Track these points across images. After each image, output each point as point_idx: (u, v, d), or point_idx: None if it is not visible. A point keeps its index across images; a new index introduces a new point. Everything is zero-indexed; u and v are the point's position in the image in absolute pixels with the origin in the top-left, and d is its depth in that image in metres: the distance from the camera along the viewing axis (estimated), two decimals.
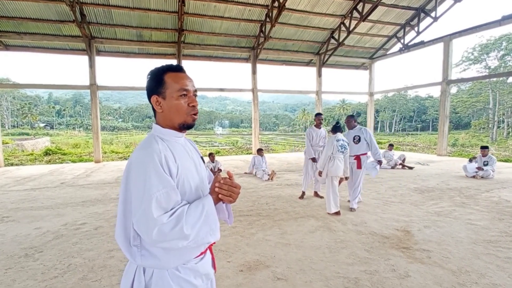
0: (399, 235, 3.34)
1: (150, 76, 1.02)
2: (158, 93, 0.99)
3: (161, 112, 1.01)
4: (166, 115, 1.01)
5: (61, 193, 5.80)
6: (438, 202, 4.82)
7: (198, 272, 1.01)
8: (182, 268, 0.97)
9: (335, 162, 4.06)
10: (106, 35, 10.74)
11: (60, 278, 2.45)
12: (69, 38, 10.35)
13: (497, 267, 2.58)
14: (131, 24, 10.40)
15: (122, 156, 14.17)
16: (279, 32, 12.08)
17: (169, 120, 1.01)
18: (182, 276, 0.96)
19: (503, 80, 29.51)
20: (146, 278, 0.95)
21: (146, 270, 0.96)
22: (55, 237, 3.40)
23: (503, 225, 3.66)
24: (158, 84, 0.99)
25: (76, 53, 11.13)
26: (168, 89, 0.98)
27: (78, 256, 2.89)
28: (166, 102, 0.99)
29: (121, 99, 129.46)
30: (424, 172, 7.91)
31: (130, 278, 0.97)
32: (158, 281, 0.94)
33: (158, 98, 0.99)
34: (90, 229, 3.66)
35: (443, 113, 11.76)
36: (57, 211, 4.48)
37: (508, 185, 6.12)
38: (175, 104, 0.99)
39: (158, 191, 0.86)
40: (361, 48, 14.30)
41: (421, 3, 11.87)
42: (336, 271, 2.54)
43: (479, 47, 31.64)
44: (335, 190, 4.14)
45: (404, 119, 60.26)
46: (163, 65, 1.03)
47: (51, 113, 65.54)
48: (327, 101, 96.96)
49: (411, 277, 2.42)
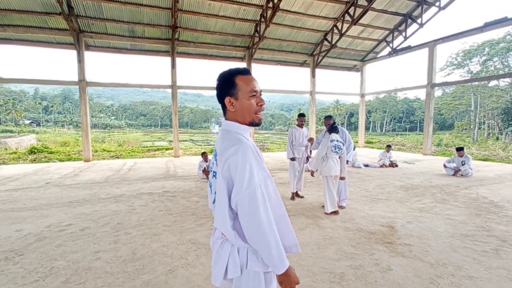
0: (384, 231, 3.52)
1: (222, 79, 1.13)
2: (231, 94, 1.10)
3: (233, 111, 1.12)
4: (238, 114, 1.12)
5: (46, 193, 5.61)
6: (421, 199, 5.06)
7: None
8: None
9: (328, 162, 4.16)
10: (96, 30, 10.51)
11: (41, 281, 2.39)
12: (56, 31, 10.02)
13: (473, 260, 2.73)
14: (122, 19, 10.24)
15: (114, 154, 13.62)
16: (274, 32, 12.20)
17: (241, 118, 1.13)
18: None
19: (484, 84, 30.68)
20: (241, 258, 1.07)
21: (240, 250, 1.08)
22: (37, 239, 3.29)
23: (479, 220, 3.89)
24: (231, 86, 1.10)
25: (64, 47, 10.81)
26: (240, 91, 1.10)
27: (62, 258, 2.81)
28: (238, 102, 1.11)
29: (114, 96, 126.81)
30: (410, 170, 8.21)
31: (224, 261, 1.08)
32: (253, 258, 1.06)
33: (231, 99, 1.11)
34: (75, 231, 3.57)
35: (428, 115, 12.19)
36: (41, 212, 4.34)
37: (485, 182, 6.45)
38: (247, 104, 1.11)
39: (259, 179, 1.02)
40: (353, 51, 14.62)
41: (408, 10, 12.31)
42: (323, 266, 2.63)
43: (462, 53, 32.80)
44: (330, 190, 4.19)
45: (394, 120, 61.66)
46: (232, 68, 1.14)
47: (38, 110, 63.27)
48: (322, 102, 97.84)
49: (392, 270, 2.55)
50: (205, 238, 3.32)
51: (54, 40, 10.62)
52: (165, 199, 5.14)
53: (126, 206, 4.73)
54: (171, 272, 2.53)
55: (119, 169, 8.92)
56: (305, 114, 5.48)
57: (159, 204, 4.84)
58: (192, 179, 7.14)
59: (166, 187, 6.22)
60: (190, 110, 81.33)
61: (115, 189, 6.03)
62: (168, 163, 10.22)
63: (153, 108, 79.92)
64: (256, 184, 1.00)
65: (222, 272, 1.07)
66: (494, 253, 2.89)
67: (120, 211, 4.42)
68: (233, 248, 1.07)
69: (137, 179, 7.14)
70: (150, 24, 10.65)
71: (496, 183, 6.38)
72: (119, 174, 7.97)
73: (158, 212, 4.38)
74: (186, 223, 3.84)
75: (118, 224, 3.82)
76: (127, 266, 2.66)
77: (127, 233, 3.49)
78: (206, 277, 2.44)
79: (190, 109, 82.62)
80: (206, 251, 2.96)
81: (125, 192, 5.75)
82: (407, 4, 11.96)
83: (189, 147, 19.31)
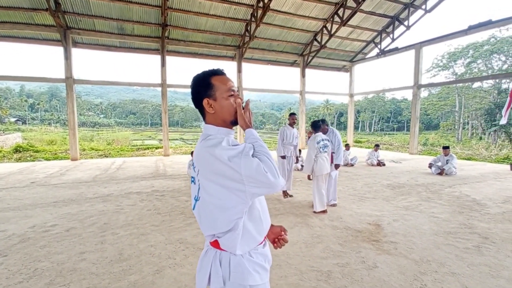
0: (370, 229, 3.59)
1: (197, 82, 1.10)
2: (208, 96, 1.07)
3: (213, 113, 1.09)
4: (218, 115, 1.09)
5: (31, 193, 5.49)
6: (407, 197, 5.18)
7: (267, 257, 1.12)
8: (254, 253, 1.06)
9: (319, 161, 4.24)
10: (83, 26, 10.29)
11: (25, 283, 2.35)
12: (42, 27, 9.80)
13: (456, 257, 2.80)
14: (111, 16, 10.05)
15: (102, 153, 13.38)
16: (264, 32, 12.23)
17: (221, 119, 1.10)
18: (255, 260, 1.05)
19: (469, 85, 31.62)
20: (223, 267, 1.02)
21: (222, 259, 1.03)
22: (21, 240, 3.22)
23: (462, 218, 4.01)
24: (207, 87, 1.08)
25: (51, 44, 10.55)
26: (218, 91, 1.07)
27: (46, 259, 2.76)
28: (217, 103, 1.08)
29: (102, 94, 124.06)
30: (397, 169, 8.39)
31: (206, 270, 1.05)
32: (237, 268, 1.01)
33: (209, 100, 1.07)
34: (60, 231, 3.49)
35: (414, 115, 12.50)
36: (25, 213, 4.24)
37: (469, 181, 6.65)
38: (226, 103, 1.08)
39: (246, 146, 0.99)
40: (342, 51, 14.81)
41: (396, 12, 12.57)
42: (311, 265, 2.66)
43: (447, 55, 33.71)
44: (320, 189, 4.26)
45: (382, 119, 62.82)
46: (205, 70, 1.12)
47: (23, 107, 61.45)
48: (312, 101, 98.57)
49: (378, 267, 2.60)
50: (193, 237, 3.30)
51: (40, 37, 10.36)
52: (154, 198, 5.08)
53: (113, 205, 4.65)
54: (158, 272, 2.51)
55: (107, 168, 8.76)
56: (295, 113, 5.54)
57: (148, 203, 4.78)
58: (182, 178, 7.08)
59: (155, 186, 6.15)
60: (181, 109, 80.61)
61: (103, 188, 5.93)
62: (158, 162, 10.10)
63: (143, 106, 78.87)
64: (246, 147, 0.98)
65: (205, 281, 1.05)
66: (476, 250, 2.97)
67: (107, 211, 4.35)
68: (215, 258, 1.04)
69: (125, 178, 7.03)
70: (139, 21, 10.49)
71: (478, 182, 6.60)
72: (107, 173, 7.83)
73: (146, 211, 4.33)
74: (175, 223, 3.81)
75: (105, 224, 3.76)
76: (114, 266, 2.62)
77: (114, 233, 3.44)
78: (193, 276, 2.44)
79: (181, 108, 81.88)
80: (194, 250, 2.95)
81: (113, 191, 5.66)
82: (395, 6, 12.19)
83: (180, 146, 19.14)
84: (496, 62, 30.03)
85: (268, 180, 0.94)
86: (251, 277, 1.02)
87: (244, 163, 0.94)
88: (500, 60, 29.78)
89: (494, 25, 9.94)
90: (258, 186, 0.96)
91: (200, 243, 3.12)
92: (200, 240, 3.20)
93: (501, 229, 3.57)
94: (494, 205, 4.68)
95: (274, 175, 0.96)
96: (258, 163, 0.95)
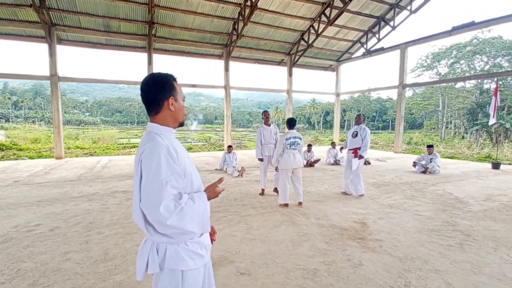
0: (356, 227, 3.64)
1: (163, 81, 1.18)
2: (173, 96, 1.19)
3: (173, 111, 1.20)
4: (175, 114, 1.21)
5: (14, 192, 5.35)
6: (391, 195, 5.30)
7: (203, 244, 1.20)
8: (190, 242, 1.14)
9: (284, 156, 4.49)
10: (68, 23, 10.03)
11: (7, 284, 2.29)
12: (26, 24, 9.51)
13: (439, 254, 2.85)
14: (97, 12, 9.83)
15: (88, 152, 13.08)
16: (251, 31, 12.20)
17: (175, 119, 1.22)
18: (191, 248, 1.13)
19: (452, 85, 32.58)
20: (160, 255, 1.10)
21: (159, 248, 1.11)
22: (3, 240, 3.14)
23: (445, 215, 4.12)
24: (172, 88, 1.19)
25: (35, 40, 10.25)
26: (178, 94, 1.21)
27: (29, 260, 2.70)
28: (177, 104, 1.21)
29: (88, 92, 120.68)
30: (382, 168, 8.57)
31: (145, 257, 1.12)
32: (172, 255, 1.10)
33: (173, 100, 1.18)
34: (44, 231, 3.42)
35: (399, 114, 12.80)
36: (8, 212, 4.14)
37: (451, 179, 6.86)
38: (182, 106, 1.24)
39: (167, 176, 1.04)
40: (328, 51, 14.97)
41: (382, 12, 12.80)
42: (297, 263, 2.66)
43: (431, 55, 34.59)
44: (284, 183, 4.51)
45: (368, 118, 63.81)
46: (169, 73, 1.22)
47: (7, 105, 59.27)
48: (299, 100, 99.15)
49: (363, 265, 2.63)
50: None
51: (24, 33, 10.05)
52: None
53: (99, 204, 4.56)
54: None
55: (93, 166, 8.56)
56: (268, 110, 5.54)
57: None
58: None
59: None
60: None
61: (88, 187, 5.80)
62: None
63: (129, 105, 77.29)
64: (161, 180, 1.03)
65: (143, 267, 1.12)
66: (458, 247, 3.04)
67: (92, 210, 4.25)
68: (153, 245, 1.11)
69: (111, 177, 6.89)
70: (126, 19, 10.29)
71: (461, 180, 6.81)
72: (93, 171, 7.65)
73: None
74: None
75: (90, 224, 3.68)
76: (99, 266, 2.57)
77: (100, 233, 3.37)
78: None
79: None
80: None
81: (99, 190, 5.55)
82: (381, 7, 12.41)
83: None
84: (479, 63, 31.07)
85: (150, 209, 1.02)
86: (184, 263, 1.10)
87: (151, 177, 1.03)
88: (482, 61, 30.81)
89: (476, 27, 10.26)
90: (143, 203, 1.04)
91: None
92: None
93: (483, 226, 3.69)
94: (476, 202, 4.83)
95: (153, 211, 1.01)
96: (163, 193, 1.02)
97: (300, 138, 4.62)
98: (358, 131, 5.24)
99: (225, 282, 2.34)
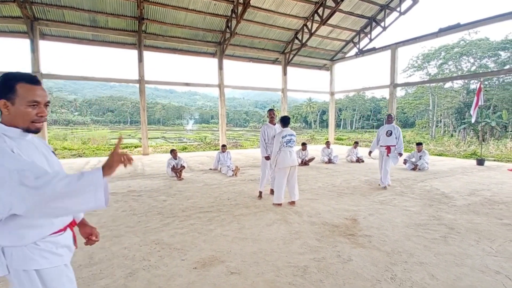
0: (347, 223, 3.67)
1: (1, 80, 1.08)
2: (7, 98, 1.07)
3: (7, 115, 1.09)
4: (11, 118, 1.10)
5: None
6: (382, 192, 5.38)
7: (59, 244, 1.16)
8: (41, 242, 1.10)
9: (281, 154, 4.44)
10: (52, 17, 9.71)
11: None
12: (9, 19, 9.23)
13: (424, 247, 2.93)
14: (82, 6, 9.55)
15: (76, 153, 12.72)
16: (245, 29, 12.16)
17: (14, 123, 1.10)
18: (43, 248, 1.10)
19: (441, 85, 33.23)
20: (6, 258, 1.06)
21: (5, 251, 1.06)
22: None
23: (432, 210, 4.22)
24: (9, 90, 1.07)
25: (16, 36, 9.93)
26: (18, 98, 1.08)
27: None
28: (14, 108, 1.08)
29: (76, 90, 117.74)
30: (375, 166, 8.64)
31: None
32: (20, 257, 1.06)
33: (6, 103, 1.07)
34: None
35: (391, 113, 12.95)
36: None
37: (439, 176, 7.01)
38: (23, 112, 1.09)
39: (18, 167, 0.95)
40: (322, 50, 15.06)
41: (373, 13, 12.98)
42: (288, 261, 2.67)
43: (422, 56, 35.22)
44: (281, 183, 4.47)
45: (362, 117, 64.62)
46: (16, 73, 1.10)
47: None
48: (295, 99, 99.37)
49: (353, 260, 2.67)
50: (170, 237, 3.23)
51: (6, 29, 9.73)
52: (130, 199, 4.92)
53: None
54: (131, 275, 2.42)
55: (81, 168, 8.39)
56: (273, 108, 5.35)
57: (123, 204, 4.62)
58: (161, 177, 6.92)
59: (132, 186, 5.96)
60: (162, 106, 78.48)
61: None
62: (136, 161, 9.80)
63: (121, 104, 75.89)
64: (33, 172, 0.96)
65: None
66: (442, 240, 3.13)
67: None
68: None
69: None
70: (113, 14, 10.07)
71: (448, 176, 6.97)
72: None
73: (121, 212, 4.18)
74: (151, 223, 3.71)
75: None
76: (83, 272, 2.50)
77: None
78: (168, 278, 2.38)
79: (162, 105, 79.74)
80: (170, 251, 2.88)
81: None
82: (372, 7, 12.56)
83: (161, 144, 18.69)
84: (465, 64, 31.73)
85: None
86: (34, 262, 1.07)
87: None
88: (468, 62, 31.48)
89: (462, 28, 10.50)
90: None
91: (177, 243, 3.06)
92: (177, 240, 3.14)
93: (466, 220, 3.79)
94: (460, 197, 4.96)
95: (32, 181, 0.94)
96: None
97: (295, 135, 4.64)
98: (392, 130, 5.76)
99: (215, 282, 2.32)
